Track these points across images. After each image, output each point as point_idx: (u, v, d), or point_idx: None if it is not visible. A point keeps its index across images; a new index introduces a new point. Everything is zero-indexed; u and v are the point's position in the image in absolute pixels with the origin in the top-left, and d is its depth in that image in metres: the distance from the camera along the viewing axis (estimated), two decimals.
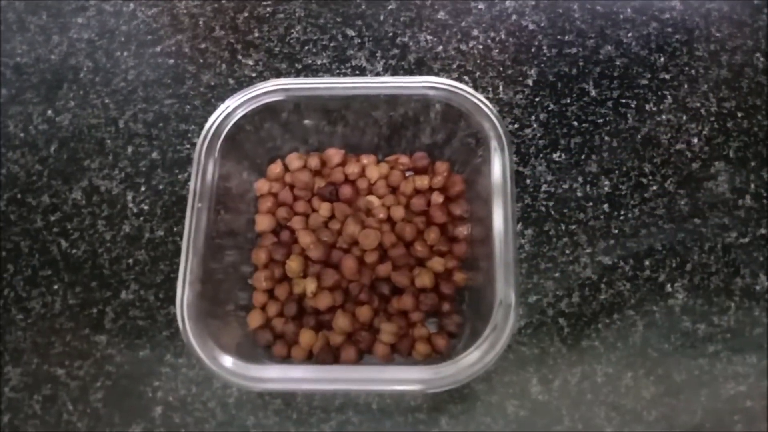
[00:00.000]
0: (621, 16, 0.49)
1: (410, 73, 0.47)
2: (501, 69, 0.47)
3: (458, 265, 0.39)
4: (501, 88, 0.47)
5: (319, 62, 0.48)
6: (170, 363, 0.40)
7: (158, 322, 0.41)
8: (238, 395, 0.39)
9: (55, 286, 0.42)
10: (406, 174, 0.42)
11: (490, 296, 0.33)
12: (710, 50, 0.47)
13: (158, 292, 0.42)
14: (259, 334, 0.38)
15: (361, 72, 0.48)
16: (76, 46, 0.50)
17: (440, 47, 0.48)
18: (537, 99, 0.46)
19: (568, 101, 0.46)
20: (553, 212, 0.43)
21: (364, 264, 0.39)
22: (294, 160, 0.42)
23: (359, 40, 0.49)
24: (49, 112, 0.47)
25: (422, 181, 0.41)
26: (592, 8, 0.49)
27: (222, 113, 0.38)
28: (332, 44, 0.49)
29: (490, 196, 0.35)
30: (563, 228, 0.42)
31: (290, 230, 0.41)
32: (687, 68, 0.47)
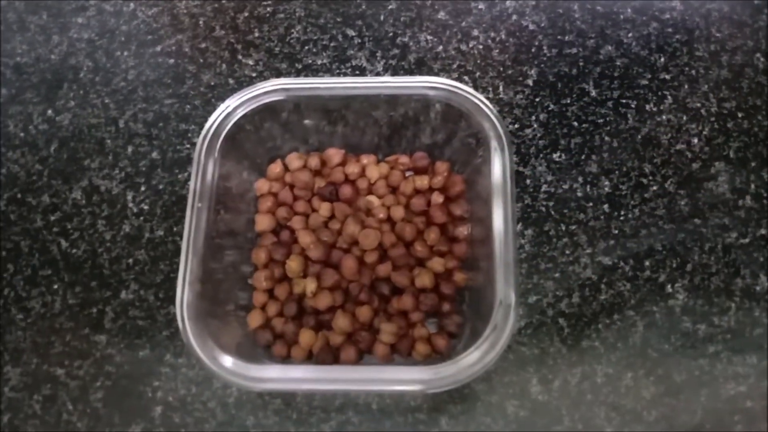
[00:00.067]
0: (621, 16, 0.49)
1: (410, 73, 0.47)
2: (501, 69, 0.47)
3: (458, 266, 0.39)
4: (501, 88, 0.47)
5: (320, 62, 0.48)
6: (170, 363, 0.40)
7: (158, 322, 0.41)
8: (237, 395, 0.39)
9: (55, 286, 0.42)
10: (406, 174, 0.42)
11: (490, 296, 0.33)
12: (710, 50, 0.47)
13: (158, 292, 0.42)
14: (259, 334, 0.38)
15: (362, 72, 0.48)
16: (77, 46, 0.50)
17: (440, 47, 0.48)
18: (537, 99, 0.46)
19: (569, 101, 0.46)
20: (553, 212, 0.43)
21: (364, 264, 0.39)
22: (294, 160, 0.42)
23: (359, 40, 0.49)
24: (49, 111, 0.47)
25: (422, 181, 0.41)
26: (592, 8, 0.49)
27: (222, 113, 0.38)
28: (332, 44, 0.49)
29: (490, 196, 0.35)
30: (563, 228, 0.42)
31: (290, 230, 0.41)
32: (687, 68, 0.47)
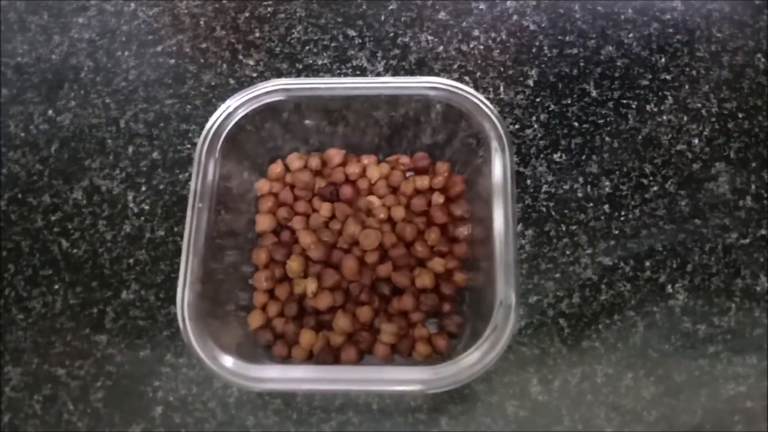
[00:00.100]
0: (622, 16, 0.49)
1: (411, 73, 0.47)
2: (502, 69, 0.47)
3: (459, 266, 0.39)
4: (502, 89, 0.47)
5: (320, 62, 0.48)
6: (170, 363, 0.40)
7: (159, 322, 0.41)
8: (238, 395, 0.39)
9: (56, 286, 0.42)
10: (407, 174, 0.42)
11: (491, 297, 0.33)
12: (711, 51, 0.47)
13: (159, 292, 0.42)
14: (259, 334, 0.38)
15: (362, 72, 0.48)
16: (77, 46, 0.50)
17: (441, 47, 0.48)
18: (538, 99, 0.46)
19: (569, 102, 0.46)
20: (553, 213, 0.43)
21: (364, 264, 0.39)
22: (295, 160, 0.42)
23: (360, 41, 0.49)
24: (49, 111, 0.47)
25: (423, 182, 0.41)
26: (593, 9, 0.49)
27: (223, 113, 0.38)
28: (333, 44, 0.49)
29: (491, 197, 0.35)
30: (564, 228, 0.42)
31: (291, 230, 0.41)
32: (688, 69, 0.47)
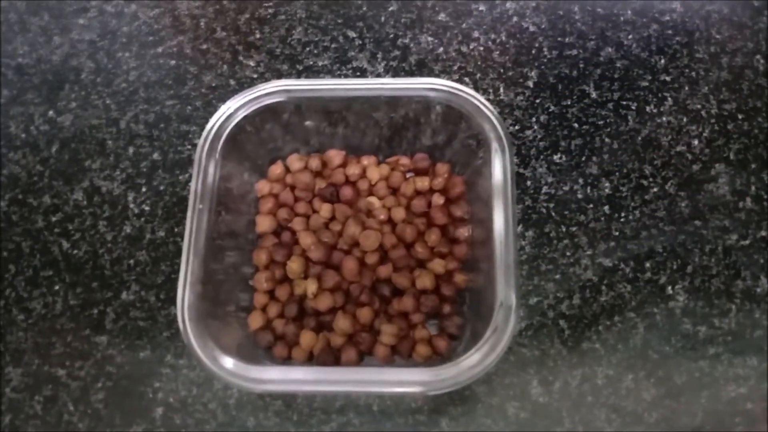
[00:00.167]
0: (621, 18, 0.49)
1: (411, 74, 0.47)
2: (502, 71, 0.47)
3: (459, 267, 0.39)
4: (502, 90, 0.47)
5: (321, 63, 0.48)
6: (171, 364, 0.40)
7: (159, 323, 0.41)
8: (238, 396, 0.39)
9: (56, 287, 0.42)
10: (407, 175, 0.42)
11: (491, 298, 0.33)
12: (711, 52, 0.47)
13: (159, 293, 0.42)
14: (259, 336, 0.38)
15: (362, 73, 0.48)
16: (78, 47, 0.50)
17: (441, 49, 0.48)
18: (537, 101, 0.46)
19: (569, 103, 0.46)
20: (553, 214, 0.43)
21: (364, 265, 0.39)
22: (295, 162, 0.42)
23: (360, 42, 0.49)
24: (50, 112, 0.48)
25: (423, 183, 0.41)
26: (592, 10, 0.49)
27: (223, 114, 0.38)
28: (333, 46, 0.49)
29: (491, 198, 0.35)
30: (564, 230, 0.42)
31: (291, 231, 0.41)
32: (687, 70, 0.47)
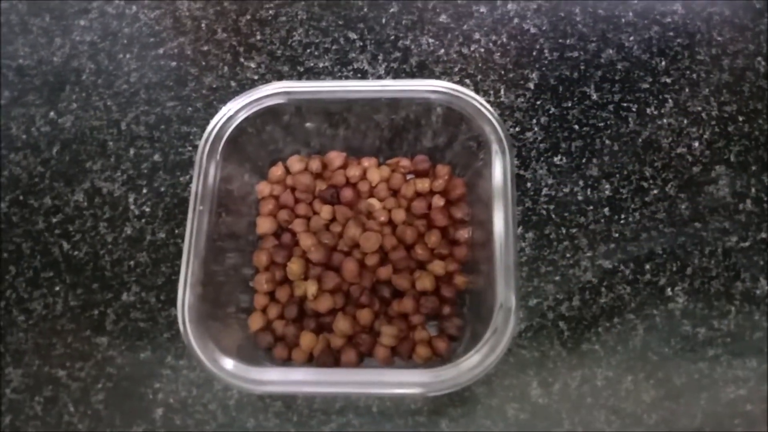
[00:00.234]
0: (622, 19, 0.49)
1: (412, 76, 0.48)
2: (502, 72, 0.47)
3: (459, 268, 0.39)
4: (502, 92, 0.47)
5: (321, 65, 0.48)
6: (171, 365, 0.40)
7: (159, 324, 0.41)
8: (238, 397, 0.39)
9: (57, 288, 0.42)
10: (407, 177, 0.42)
11: (491, 299, 0.33)
12: (711, 54, 0.47)
13: (159, 294, 0.42)
14: (259, 337, 0.38)
15: (363, 75, 0.48)
16: (79, 49, 0.50)
17: (442, 50, 0.48)
18: (538, 102, 0.46)
19: (570, 105, 0.46)
20: (553, 216, 0.43)
21: (364, 267, 0.39)
22: (295, 163, 0.42)
23: (361, 43, 0.49)
24: (51, 114, 0.48)
25: (423, 184, 0.41)
26: (593, 12, 0.50)
27: (224, 116, 0.38)
28: (334, 47, 0.49)
29: (491, 200, 0.35)
30: (564, 231, 0.42)
31: (291, 233, 0.41)
32: (688, 72, 0.47)
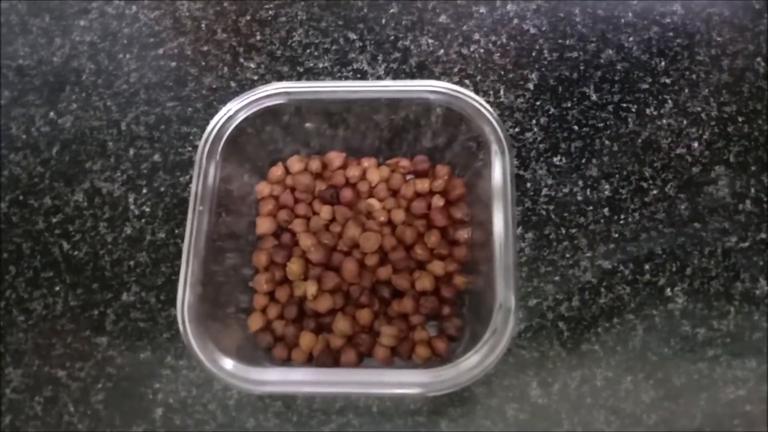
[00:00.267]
0: (622, 20, 0.49)
1: (411, 76, 0.48)
2: (502, 73, 0.47)
3: (458, 269, 0.39)
4: (502, 92, 0.47)
5: (321, 65, 0.48)
6: (171, 365, 0.40)
7: (159, 324, 0.41)
8: (238, 398, 0.39)
9: (57, 288, 0.42)
10: (407, 177, 0.42)
11: (490, 299, 0.33)
12: (711, 54, 0.48)
13: (159, 294, 0.42)
14: (259, 337, 0.38)
15: (363, 75, 0.48)
16: (79, 49, 0.50)
17: (441, 51, 0.48)
18: (538, 103, 0.46)
19: (569, 105, 0.46)
20: (553, 216, 0.43)
21: (364, 267, 0.39)
22: (295, 163, 0.42)
23: (361, 44, 0.49)
24: (51, 114, 0.48)
25: (423, 185, 0.41)
26: (593, 12, 0.50)
27: (224, 116, 0.38)
28: (334, 48, 0.49)
29: (491, 200, 0.35)
30: (563, 232, 0.42)
31: (291, 233, 0.41)
32: (688, 73, 0.47)
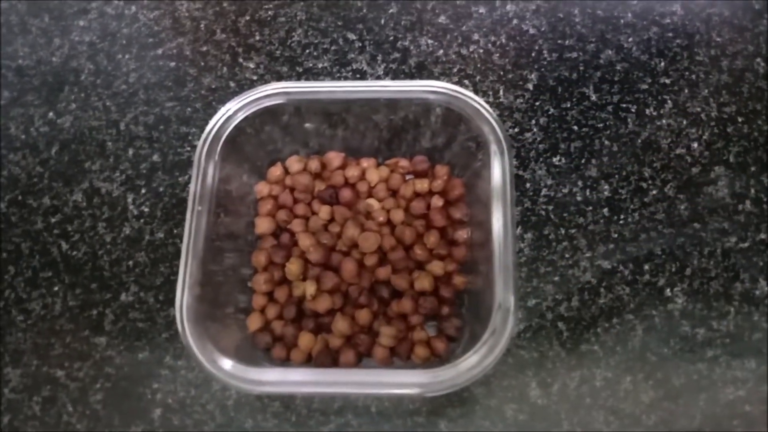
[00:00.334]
0: (622, 20, 0.49)
1: (411, 76, 0.48)
2: (501, 73, 0.47)
3: (458, 269, 0.39)
4: (501, 92, 0.47)
5: (320, 66, 0.48)
6: (169, 365, 0.40)
7: (158, 324, 0.41)
8: (237, 398, 0.39)
9: (56, 288, 0.42)
10: (406, 177, 0.42)
11: (490, 300, 0.33)
12: (711, 55, 0.47)
13: (158, 295, 0.42)
14: (258, 337, 0.38)
15: (362, 76, 0.48)
16: (78, 49, 0.50)
17: (441, 51, 0.48)
18: (537, 103, 0.46)
19: (569, 105, 0.46)
20: (552, 216, 0.43)
21: (363, 267, 0.39)
22: (294, 163, 0.42)
23: (360, 44, 0.49)
24: (50, 114, 0.48)
25: (422, 185, 0.41)
26: (592, 13, 0.50)
27: (223, 116, 0.38)
28: (333, 48, 0.49)
29: (490, 200, 0.35)
30: (563, 232, 0.42)
31: (290, 233, 0.41)
32: (687, 73, 0.47)
